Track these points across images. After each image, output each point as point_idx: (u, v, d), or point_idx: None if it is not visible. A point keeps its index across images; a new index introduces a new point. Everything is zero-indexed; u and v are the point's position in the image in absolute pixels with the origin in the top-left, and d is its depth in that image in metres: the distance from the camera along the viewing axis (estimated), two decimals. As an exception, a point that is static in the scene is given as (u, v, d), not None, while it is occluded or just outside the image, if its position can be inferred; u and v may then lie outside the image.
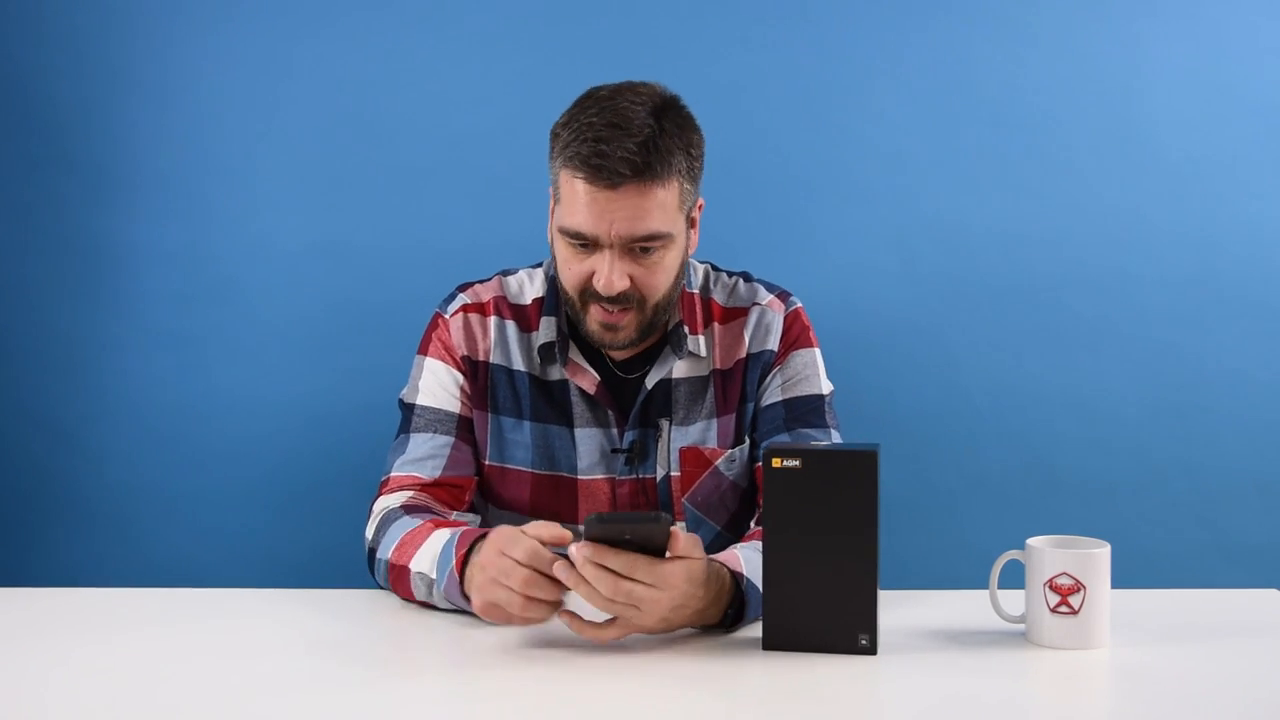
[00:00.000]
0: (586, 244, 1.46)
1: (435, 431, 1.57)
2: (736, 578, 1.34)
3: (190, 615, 1.41)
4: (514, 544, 1.26)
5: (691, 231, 1.55)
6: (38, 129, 2.09)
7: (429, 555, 1.38)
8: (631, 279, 1.46)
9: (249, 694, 1.16)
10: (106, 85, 2.08)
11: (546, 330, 1.59)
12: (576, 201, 1.44)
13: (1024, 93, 2.08)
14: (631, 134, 1.41)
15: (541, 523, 1.30)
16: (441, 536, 1.39)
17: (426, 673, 1.26)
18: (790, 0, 2.07)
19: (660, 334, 1.60)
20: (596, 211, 1.42)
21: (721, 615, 1.33)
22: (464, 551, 1.34)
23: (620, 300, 1.47)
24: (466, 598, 1.33)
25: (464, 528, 1.41)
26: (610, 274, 1.45)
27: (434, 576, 1.37)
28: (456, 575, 1.33)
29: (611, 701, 1.15)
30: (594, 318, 1.50)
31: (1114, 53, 2.07)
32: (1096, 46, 2.07)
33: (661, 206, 1.44)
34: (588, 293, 1.49)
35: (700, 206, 1.56)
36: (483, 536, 1.34)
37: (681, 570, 1.25)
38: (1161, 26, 2.06)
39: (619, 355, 1.60)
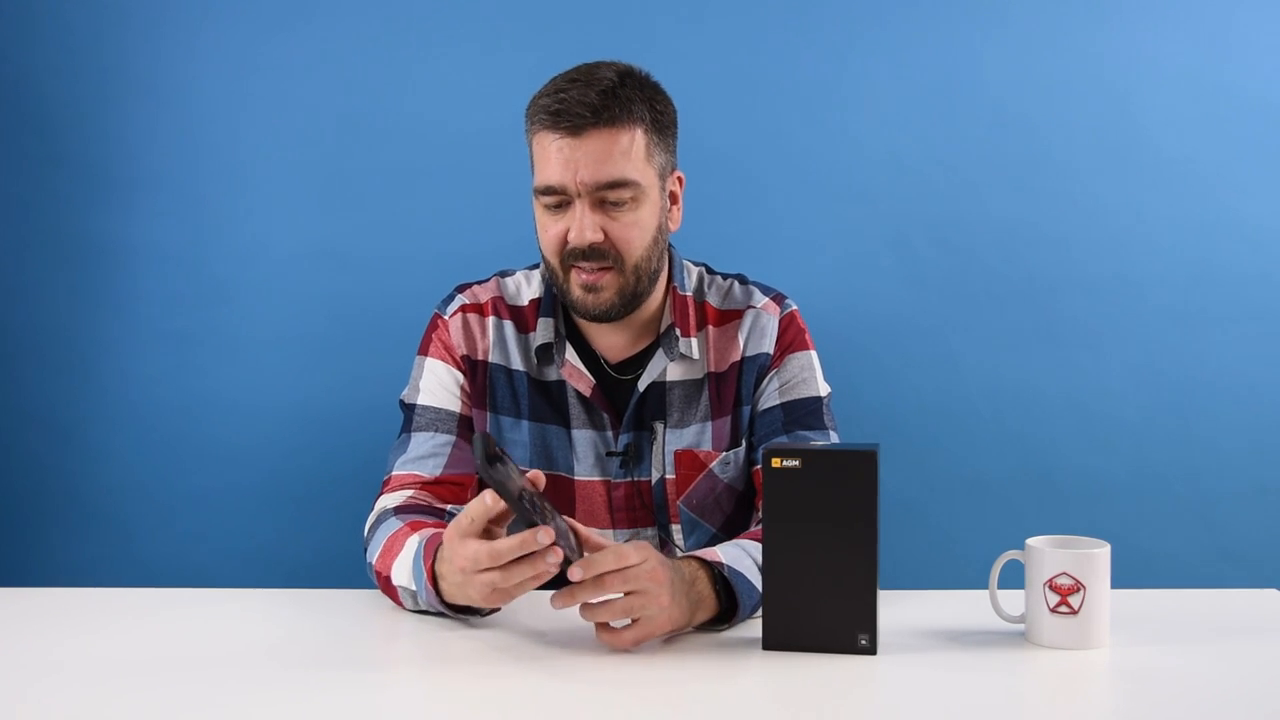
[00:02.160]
0: (559, 202, 1.48)
1: (436, 430, 1.57)
2: (714, 566, 1.32)
3: (188, 615, 1.40)
4: (465, 550, 1.22)
5: (674, 208, 1.57)
6: (34, 128, 2.09)
7: (405, 567, 1.37)
8: (605, 234, 1.48)
9: (247, 694, 1.15)
10: (102, 85, 2.08)
11: (544, 331, 1.59)
12: (544, 155, 1.47)
13: (1024, 93, 2.08)
14: (592, 85, 1.45)
15: (466, 514, 1.23)
16: (412, 545, 1.38)
17: (425, 673, 1.26)
18: (790, 0, 2.07)
19: (653, 336, 1.60)
20: (562, 161, 1.45)
21: (714, 603, 1.31)
22: (430, 561, 1.32)
23: (597, 256, 1.48)
24: (449, 605, 1.32)
25: (431, 532, 1.37)
26: (582, 223, 1.46)
27: (413, 588, 1.36)
28: (431, 587, 1.32)
29: (612, 701, 1.15)
30: (575, 282, 1.51)
31: (1113, 53, 2.07)
32: (1096, 46, 2.07)
33: (625, 153, 1.46)
34: (567, 256, 1.49)
35: (681, 180, 1.57)
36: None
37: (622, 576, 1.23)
38: (1160, 26, 2.06)
39: (614, 355, 1.60)
